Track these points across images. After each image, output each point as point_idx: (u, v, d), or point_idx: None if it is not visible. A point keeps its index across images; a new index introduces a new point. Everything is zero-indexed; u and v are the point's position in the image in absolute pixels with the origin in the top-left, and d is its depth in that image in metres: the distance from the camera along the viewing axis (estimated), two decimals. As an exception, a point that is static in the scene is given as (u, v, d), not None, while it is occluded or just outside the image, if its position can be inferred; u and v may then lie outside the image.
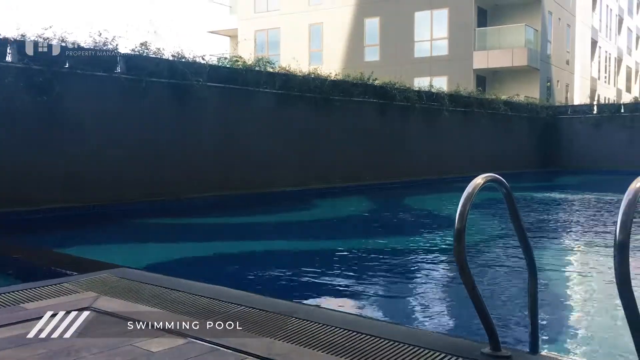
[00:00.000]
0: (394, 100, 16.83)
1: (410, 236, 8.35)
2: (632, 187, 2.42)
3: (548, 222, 10.07)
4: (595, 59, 39.61)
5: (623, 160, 20.65)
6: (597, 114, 22.56)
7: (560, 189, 17.22)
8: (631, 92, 49.91)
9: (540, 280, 5.12)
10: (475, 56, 27.58)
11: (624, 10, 46.98)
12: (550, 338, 3.67)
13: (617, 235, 2.32)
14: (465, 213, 2.76)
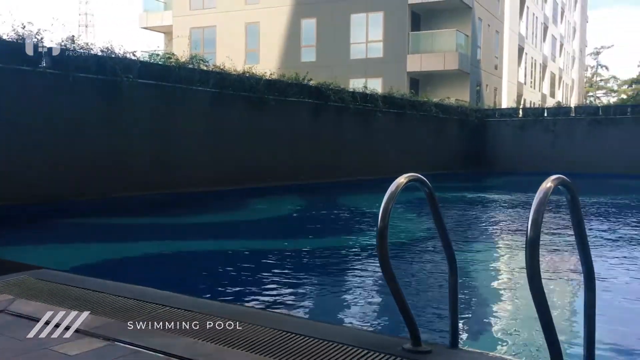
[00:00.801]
0: (328, 101, 16.95)
1: (339, 235, 8.44)
2: (543, 187, 2.54)
3: (471, 220, 10.42)
4: (522, 65, 41.23)
5: (546, 162, 21.63)
6: (523, 117, 23.50)
7: (484, 189, 17.84)
8: (555, 97, 52.27)
9: (462, 277, 5.30)
10: (409, 59, 28.15)
11: (549, 18, 49.14)
12: (470, 333, 3.79)
13: (528, 232, 2.42)
14: (388, 212, 2.82)
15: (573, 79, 63.79)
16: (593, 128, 21.56)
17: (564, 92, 58.39)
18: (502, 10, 36.05)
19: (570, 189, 2.65)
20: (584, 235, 2.78)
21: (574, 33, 62.81)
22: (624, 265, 6.38)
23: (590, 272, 2.81)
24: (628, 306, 4.76)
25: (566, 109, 23.90)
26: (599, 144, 21.32)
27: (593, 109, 22.86)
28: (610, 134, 21.21)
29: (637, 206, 12.74)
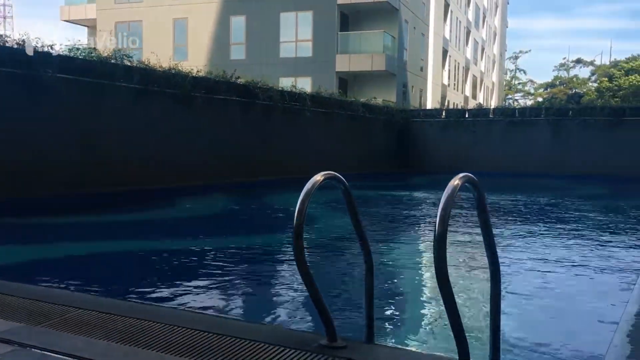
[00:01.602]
0: (257, 99, 16.88)
1: (261, 234, 8.44)
2: (451, 184, 2.64)
3: (389, 218, 10.66)
4: (446, 67, 42.53)
5: (467, 161, 22.42)
6: (446, 118, 24.25)
7: (406, 188, 18.27)
8: (477, 98, 54.24)
9: (379, 273, 5.42)
10: (337, 59, 28.44)
11: (471, 23, 50.92)
12: (386, 328, 3.89)
13: (436, 228, 2.52)
14: (304, 210, 2.85)
15: (493, 82, 66.41)
16: (510, 129, 22.54)
17: (485, 94, 60.70)
18: (427, 13, 37.05)
19: (477, 187, 2.77)
20: (490, 230, 2.92)
21: (494, 38, 65.39)
22: (533, 259, 6.72)
23: (496, 265, 2.95)
24: (531, 298, 5.02)
25: (485, 110, 24.87)
26: (515, 144, 22.32)
27: (510, 110, 23.90)
28: (526, 135, 22.24)
29: (551, 203, 13.43)
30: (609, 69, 65.82)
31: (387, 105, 25.55)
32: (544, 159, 21.69)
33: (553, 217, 10.90)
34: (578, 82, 77.33)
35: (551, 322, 4.19)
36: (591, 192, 16.59)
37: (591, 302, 4.89)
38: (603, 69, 69.76)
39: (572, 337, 3.74)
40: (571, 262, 6.45)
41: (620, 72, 61.00)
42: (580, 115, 21.61)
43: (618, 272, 6.02)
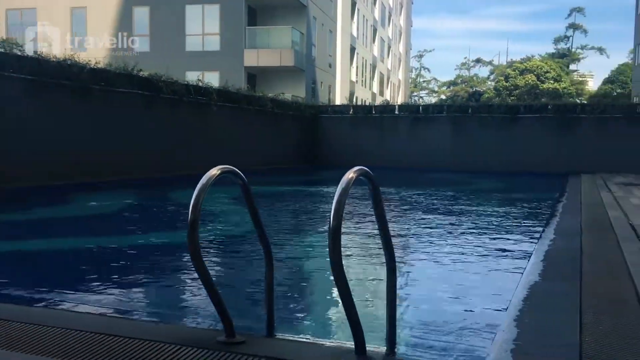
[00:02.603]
0: (160, 93, 16.39)
1: (160, 231, 8.19)
2: (345, 178, 2.67)
3: (292, 212, 10.71)
4: (354, 64, 43.30)
5: (374, 157, 22.93)
6: (354, 114, 24.67)
7: (313, 183, 18.45)
8: (384, 95, 55.68)
9: (279, 267, 5.43)
10: (246, 54, 28.20)
11: (378, 21, 52.13)
12: (287, 321, 3.89)
13: (330, 221, 2.53)
14: (199, 204, 2.79)
15: (399, 79, 68.40)
16: (415, 125, 23.29)
17: (392, 91, 62.41)
18: (335, 11, 37.53)
19: (371, 180, 2.81)
20: (385, 222, 2.98)
21: (400, 36, 67.33)
22: (429, 251, 6.97)
23: (392, 256, 3.02)
24: (428, 288, 5.21)
25: (391, 107, 25.52)
26: (420, 140, 23.09)
27: (415, 107, 24.69)
28: (430, 131, 23.06)
29: (450, 196, 13.99)
30: (506, 69, 69.64)
31: (296, 100, 25.63)
32: (447, 154, 22.58)
33: (449, 209, 11.36)
34: (478, 80, 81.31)
35: (444, 310, 4.36)
36: (487, 186, 17.46)
37: (483, 289, 5.13)
38: (500, 69, 73.70)
39: (464, 324, 3.91)
40: (464, 251, 6.75)
41: (515, 72, 64.68)
42: (479, 112, 22.65)
43: (510, 259, 6.37)
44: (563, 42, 76.07)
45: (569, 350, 2.85)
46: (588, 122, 21.04)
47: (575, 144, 21.00)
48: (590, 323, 3.28)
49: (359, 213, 9.70)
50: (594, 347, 2.90)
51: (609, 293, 4.03)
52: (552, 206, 10.63)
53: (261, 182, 15.69)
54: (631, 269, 4.72)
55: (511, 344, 2.95)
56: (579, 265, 4.84)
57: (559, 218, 8.50)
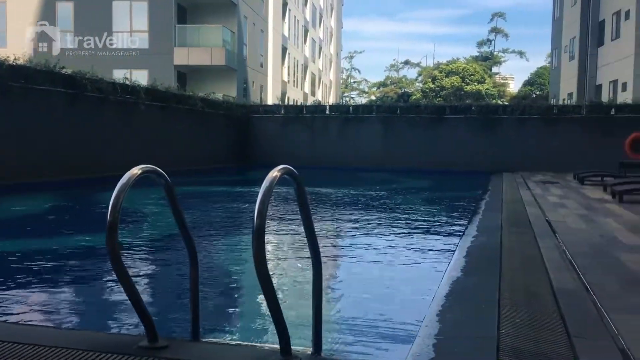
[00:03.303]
0: (85, 91, 15.80)
1: (77, 234, 7.90)
2: (269, 177, 2.66)
3: (219, 213, 10.59)
4: (286, 64, 43.30)
5: (306, 156, 23.03)
6: (285, 114, 24.66)
7: (242, 183, 18.33)
8: (315, 95, 55.96)
9: (205, 269, 5.37)
10: (176, 52, 27.66)
11: (309, 22, 52.34)
12: (214, 324, 3.84)
13: (254, 221, 2.52)
14: (119, 205, 2.71)
15: (331, 80, 68.97)
16: (346, 125, 23.55)
17: (324, 91, 62.85)
18: (266, 10, 37.39)
19: (296, 178, 2.82)
20: (311, 221, 2.99)
21: (331, 37, 67.89)
22: (356, 249, 7.08)
23: (317, 255, 3.03)
24: (354, 286, 5.29)
25: (322, 107, 25.68)
26: (351, 140, 23.36)
27: (345, 108, 24.96)
28: (360, 131, 23.37)
29: (378, 195, 14.24)
30: (433, 71, 71.59)
31: (227, 100, 25.33)
32: (377, 153, 22.94)
33: (377, 208, 11.56)
34: (406, 82, 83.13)
35: (369, 308, 4.43)
36: (415, 184, 17.88)
37: (408, 286, 5.25)
38: (428, 71, 75.69)
39: (389, 321, 3.98)
40: (390, 249, 6.89)
41: (442, 74, 66.61)
42: (408, 113, 23.16)
43: (434, 255, 6.55)
44: (486, 46, 79.09)
45: (487, 342, 2.95)
46: (509, 123, 21.93)
47: (497, 144, 21.83)
48: (508, 316, 3.42)
49: (295, 212, 9.71)
50: (511, 338, 3.02)
51: (526, 286, 4.22)
52: (475, 204, 11.01)
53: (190, 183, 15.44)
54: (547, 263, 4.96)
55: (433, 338, 3.04)
56: (499, 261, 5.04)
57: (481, 215, 8.81)
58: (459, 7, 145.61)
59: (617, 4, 29.56)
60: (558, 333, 3.15)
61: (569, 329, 3.18)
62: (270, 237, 7.46)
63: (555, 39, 40.77)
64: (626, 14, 28.18)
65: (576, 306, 3.63)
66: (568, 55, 36.54)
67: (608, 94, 29.96)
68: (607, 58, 31.06)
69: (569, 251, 5.43)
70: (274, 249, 6.55)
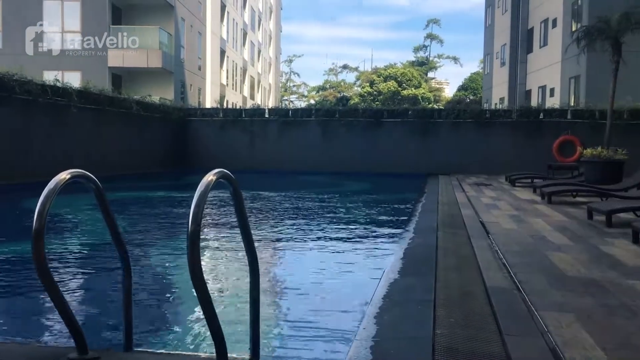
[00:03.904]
0: (13, 93, 15.12)
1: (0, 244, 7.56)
2: (204, 180, 2.62)
3: (153, 219, 10.35)
4: (224, 67, 42.88)
5: (245, 160, 22.86)
6: (223, 117, 24.37)
7: (179, 188, 17.93)
8: (255, 99, 55.69)
9: (139, 277, 5.23)
10: (110, 54, 26.91)
11: (247, 25, 52.05)
12: (148, 333, 3.74)
13: (189, 225, 2.47)
14: (45, 212, 2.60)
15: (270, 84, 68.80)
16: (285, 129, 23.52)
17: (263, 95, 62.60)
18: (204, 12, 36.94)
19: (232, 182, 2.79)
20: (247, 225, 2.96)
21: (270, 41, 67.74)
22: (294, 253, 7.07)
23: (254, 260, 3.00)
24: (292, 290, 5.27)
25: (261, 110, 25.54)
26: (290, 144, 23.35)
27: (284, 111, 24.92)
28: (300, 135, 23.40)
29: (318, 198, 14.28)
30: (371, 75, 72.62)
31: (163, 103, 24.81)
32: (316, 157, 23.01)
33: (316, 211, 11.60)
34: (345, 86, 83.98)
35: (308, 312, 4.42)
36: (353, 187, 18.05)
37: (347, 290, 5.28)
38: (366, 75, 76.74)
39: (327, 325, 3.99)
40: (329, 252, 6.92)
41: (380, 78, 67.68)
42: (346, 116, 23.36)
43: (373, 258, 6.62)
44: (422, 51, 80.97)
45: (422, 343, 3.00)
46: (444, 126, 22.48)
47: (433, 147, 22.34)
48: (443, 315, 3.49)
49: (233, 216, 9.60)
50: (446, 338, 3.08)
51: (460, 286, 4.32)
52: (412, 206, 11.21)
53: (124, 188, 15.03)
54: (480, 263, 5.10)
55: (370, 340, 3.06)
56: (435, 261, 5.14)
57: (418, 217, 8.98)
58: (396, 13, 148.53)
59: (544, 13, 30.88)
60: (491, 331, 3.24)
61: (500, 326, 3.28)
62: (207, 243, 7.35)
63: (487, 46, 42.15)
64: (553, 22, 29.47)
65: (508, 304, 3.74)
66: (499, 61, 37.86)
67: (537, 98, 31.23)
68: (536, 64, 32.38)
69: (501, 251, 5.60)
70: (211, 255, 6.45)
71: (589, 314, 3.48)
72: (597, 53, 17.71)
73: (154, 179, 19.57)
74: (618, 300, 3.79)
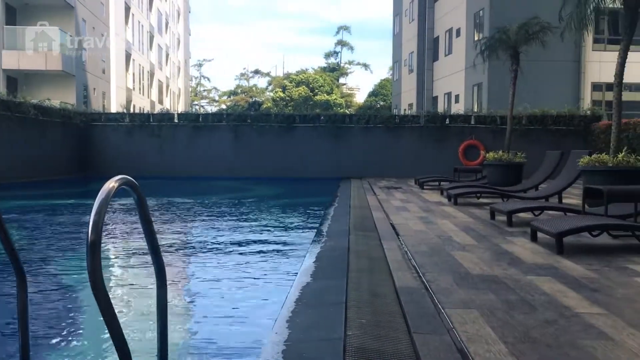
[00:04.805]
0: None
1: None
2: (105, 187, 2.48)
3: (53, 227, 9.88)
4: (130, 71, 41.53)
5: (153, 166, 22.20)
6: (130, 122, 23.54)
7: (80, 195, 17.19)
8: (163, 103, 54.31)
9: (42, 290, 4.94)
10: (4, 56, 25.36)
11: (154, 28, 50.70)
12: (45, 351, 3.52)
13: (89, 234, 2.33)
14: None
15: (179, 88, 67.39)
16: (195, 134, 23.06)
17: (172, 99, 61.22)
18: (107, 14, 35.61)
19: (135, 189, 2.67)
20: (153, 233, 2.84)
21: (178, 44, 66.37)
22: (204, 260, 6.94)
23: (162, 270, 2.89)
24: (202, 299, 5.16)
25: (170, 115, 24.90)
26: (201, 149, 22.92)
27: (194, 116, 24.42)
28: (211, 140, 23.03)
29: (230, 204, 14.12)
30: (283, 81, 72.86)
31: (64, 107, 23.62)
32: (228, 162, 22.73)
33: (227, 216, 11.46)
34: (257, 91, 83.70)
35: (219, 321, 4.34)
36: (267, 192, 18.01)
37: (260, 295, 5.23)
38: (278, 80, 76.87)
39: (238, 332, 3.93)
40: (241, 258, 6.84)
41: (292, 83, 68.04)
42: (258, 121, 23.25)
43: (286, 262, 6.60)
44: (333, 57, 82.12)
45: (334, 345, 3.01)
46: (355, 131, 22.89)
47: (345, 151, 22.69)
48: (354, 317, 3.52)
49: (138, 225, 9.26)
50: (357, 339, 3.11)
51: (371, 287, 4.39)
52: (325, 210, 11.31)
53: (19, 196, 14.18)
54: (390, 264, 5.20)
55: (282, 345, 3.03)
56: (346, 264, 5.20)
57: (330, 220, 9.06)
58: (307, 19, 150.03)
59: (449, 23, 32.23)
60: (400, 330, 3.30)
61: (409, 325, 3.35)
62: (109, 253, 7.06)
63: (396, 53, 43.44)
64: (457, 31, 30.83)
65: (416, 303, 3.83)
66: (408, 68, 39.13)
67: (443, 104, 32.53)
68: (442, 72, 33.73)
69: (410, 252, 5.75)
70: (114, 265, 6.19)
71: (491, 310, 3.63)
72: (497, 62, 18.72)
73: (54, 186, 18.61)
74: (518, 296, 3.98)
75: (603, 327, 3.26)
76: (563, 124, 21.49)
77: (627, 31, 9.81)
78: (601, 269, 4.87)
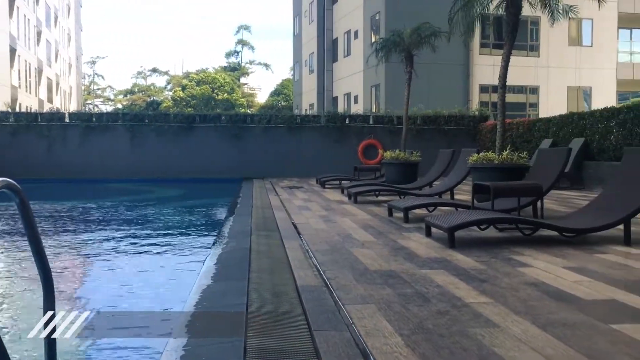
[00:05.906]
0: None
1: None
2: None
3: None
4: (16, 67, 38.94)
5: (42, 168, 20.94)
6: (15, 122, 22.07)
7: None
8: (53, 102, 51.37)
9: None
10: None
11: (42, 22, 47.85)
12: None
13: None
14: None
15: (71, 86, 64.06)
16: (88, 134, 22.00)
17: (63, 98, 58.06)
18: (-12, 5, 33.19)
19: (18, 192, 2.51)
20: (38, 238, 2.69)
21: (69, 40, 63.07)
22: (99, 265, 6.66)
23: (48, 279, 2.73)
24: (98, 305, 4.96)
25: (60, 114, 23.56)
26: (95, 150, 21.90)
27: (87, 116, 23.27)
28: (106, 140, 22.07)
29: (126, 206, 13.63)
30: (182, 80, 71.23)
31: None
32: (125, 163, 21.88)
33: (124, 219, 11.07)
34: (155, 90, 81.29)
35: (115, 331, 4.17)
36: (166, 193, 17.57)
37: (159, 300, 5.09)
38: (177, 79, 75.05)
39: (139, 338, 3.81)
40: (139, 261, 6.63)
41: (192, 82, 66.69)
42: (157, 121, 22.55)
43: (186, 265, 6.47)
44: (233, 57, 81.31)
45: (234, 347, 2.99)
46: (257, 131, 22.79)
47: (247, 151, 22.53)
48: (255, 317, 3.51)
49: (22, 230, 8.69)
50: (257, 339, 3.10)
51: (273, 287, 4.40)
52: (227, 210, 11.20)
53: None
54: (292, 263, 5.23)
55: (181, 350, 2.97)
56: (248, 264, 5.17)
57: (232, 221, 8.98)
58: (207, 17, 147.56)
59: (347, 24, 32.89)
60: (301, 328, 3.33)
61: (310, 323, 3.39)
62: None
63: (296, 54, 43.74)
64: (355, 33, 31.53)
65: (317, 301, 3.88)
66: (308, 69, 39.53)
67: (343, 105, 33.17)
68: (341, 72, 34.36)
69: (311, 250, 5.81)
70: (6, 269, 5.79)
71: (388, 304, 3.75)
72: (393, 64, 19.35)
73: None
74: (413, 289, 4.14)
75: (490, 316, 3.46)
76: (454, 124, 22.56)
77: (510, 36, 10.46)
78: (489, 261, 5.17)
